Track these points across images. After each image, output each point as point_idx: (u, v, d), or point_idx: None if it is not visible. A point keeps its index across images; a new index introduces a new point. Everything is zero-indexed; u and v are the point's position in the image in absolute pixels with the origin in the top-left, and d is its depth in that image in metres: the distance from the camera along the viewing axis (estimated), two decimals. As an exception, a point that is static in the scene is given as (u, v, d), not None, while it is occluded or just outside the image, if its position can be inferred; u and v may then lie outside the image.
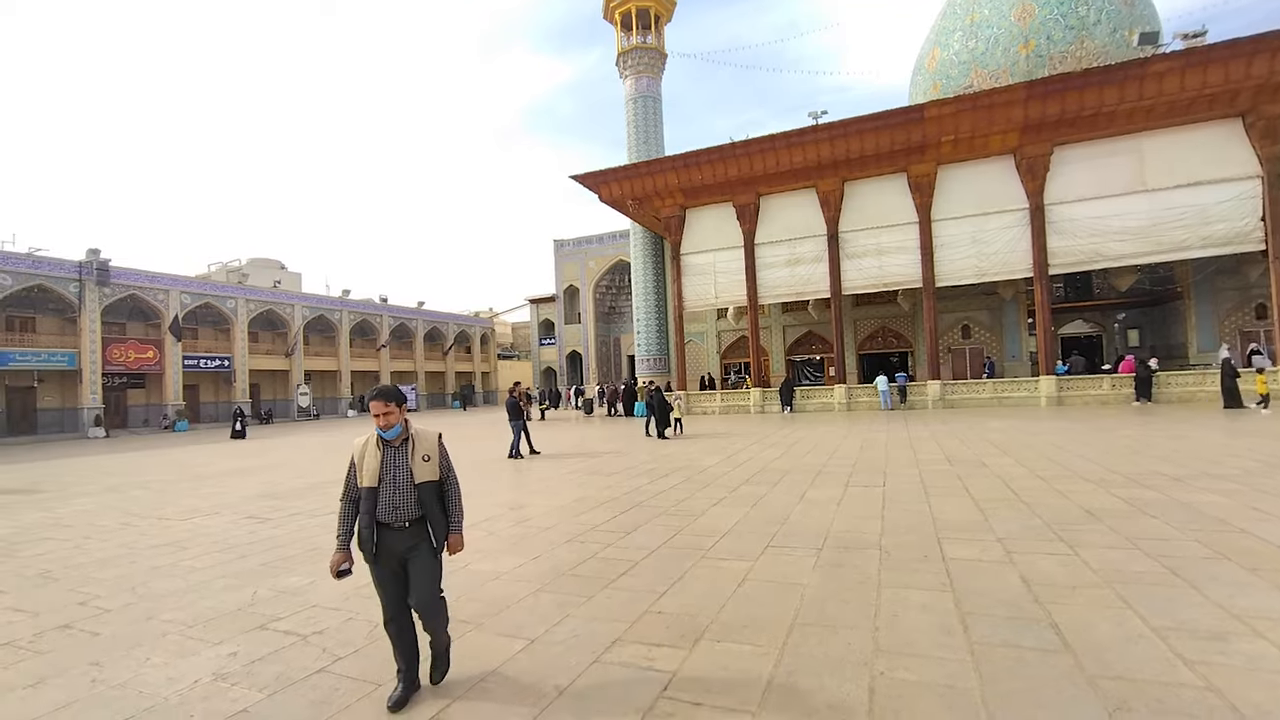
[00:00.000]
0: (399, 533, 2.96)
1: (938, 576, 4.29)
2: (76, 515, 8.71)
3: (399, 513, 2.94)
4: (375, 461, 2.96)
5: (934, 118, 20.42)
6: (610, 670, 3.16)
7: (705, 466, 10.36)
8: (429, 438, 3.11)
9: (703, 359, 31.72)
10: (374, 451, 2.99)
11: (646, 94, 30.29)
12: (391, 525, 2.94)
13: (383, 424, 2.94)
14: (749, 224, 24.48)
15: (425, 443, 3.08)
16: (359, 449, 3.01)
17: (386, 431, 2.97)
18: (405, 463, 2.98)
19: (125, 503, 9.63)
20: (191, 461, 16.07)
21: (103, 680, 3.36)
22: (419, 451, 3.03)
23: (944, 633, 3.38)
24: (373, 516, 2.93)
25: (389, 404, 2.95)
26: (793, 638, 3.41)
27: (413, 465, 2.98)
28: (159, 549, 6.38)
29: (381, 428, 2.95)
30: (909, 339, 27.97)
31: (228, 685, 3.21)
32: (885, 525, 5.78)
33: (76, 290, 29.67)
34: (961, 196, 21.64)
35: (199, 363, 35.21)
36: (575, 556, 5.28)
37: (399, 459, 2.99)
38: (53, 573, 5.69)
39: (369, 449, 2.99)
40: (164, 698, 3.11)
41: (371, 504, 2.93)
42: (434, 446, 3.09)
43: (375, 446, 2.99)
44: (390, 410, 2.94)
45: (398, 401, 2.98)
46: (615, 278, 46.97)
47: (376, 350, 46.20)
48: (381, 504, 2.93)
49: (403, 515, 2.95)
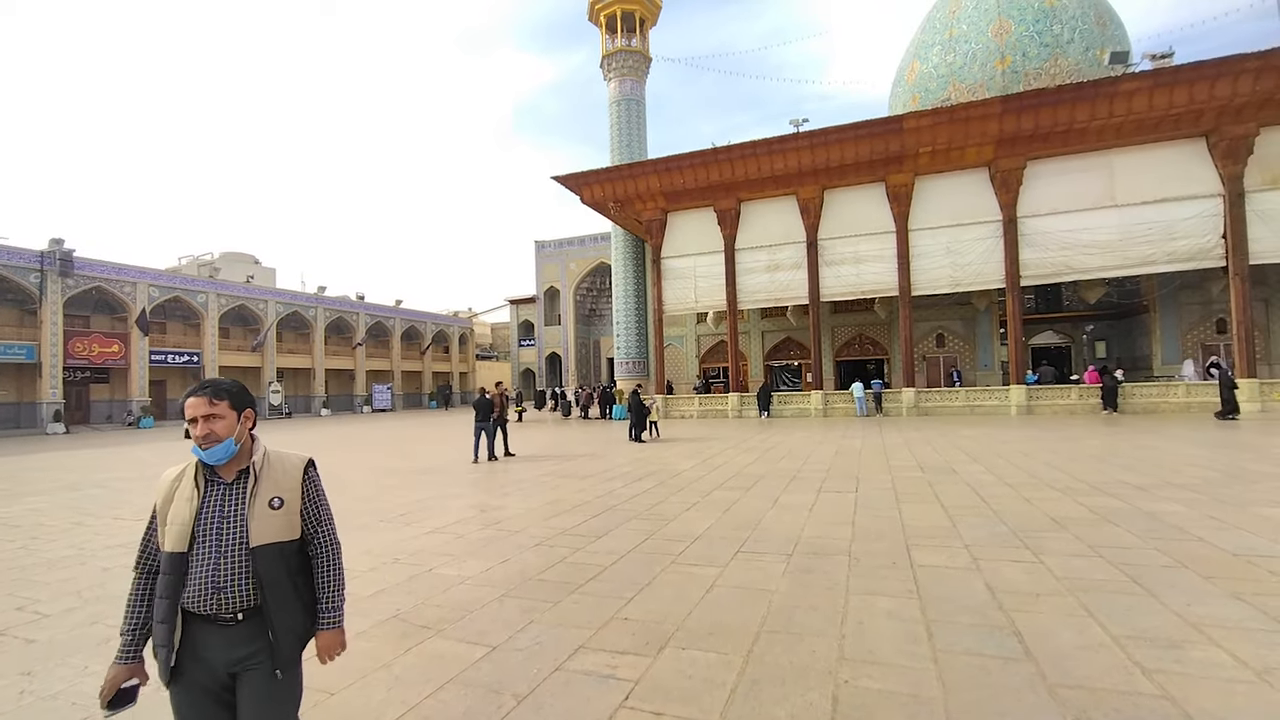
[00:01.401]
0: (224, 632, 1.76)
1: (905, 583, 4.29)
2: (25, 514, 8.36)
3: (223, 598, 1.73)
4: (188, 509, 1.77)
5: (912, 129, 20.73)
6: (571, 679, 3.08)
7: (680, 470, 10.32)
8: (287, 469, 1.94)
9: (682, 363, 31.76)
10: (188, 491, 1.80)
11: (630, 97, 30.31)
12: (212, 618, 1.75)
13: (201, 439, 1.78)
14: (730, 229, 24.60)
15: (280, 476, 1.91)
16: (165, 486, 1.83)
17: (208, 452, 1.78)
18: (239, 510, 1.80)
19: (81, 501, 9.28)
20: (153, 459, 15.58)
21: (32, 691, 3.20)
22: (265, 492, 1.85)
23: (909, 640, 3.37)
24: (176, 603, 1.74)
25: (215, 403, 1.81)
26: (758, 645, 3.38)
27: (250, 516, 1.80)
28: (112, 550, 6.14)
29: (200, 446, 1.78)
30: (885, 346, 28.32)
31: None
32: (856, 531, 5.79)
33: (37, 281, 28.69)
34: (938, 207, 21.99)
35: (167, 358, 34.28)
36: (544, 561, 5.20)
37: (229, 504, 1.80)
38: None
39: (181, 487, 1.81)
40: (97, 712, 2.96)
41: (176, 582, 1.74)
42: (294, 484, 1.93)
43: (193, 482, 1.81)
44: (216, 414, 1.80)
45: (233, 402, 1.85)
46: (596, 280, 46.86)
47: (352, 348, 45.48)
48: (194, 583, 1.74)
49: (230, 602, 1.74)
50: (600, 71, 31.18)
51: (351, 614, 4.05)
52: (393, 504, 8.07)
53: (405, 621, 3.93)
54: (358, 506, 7.96)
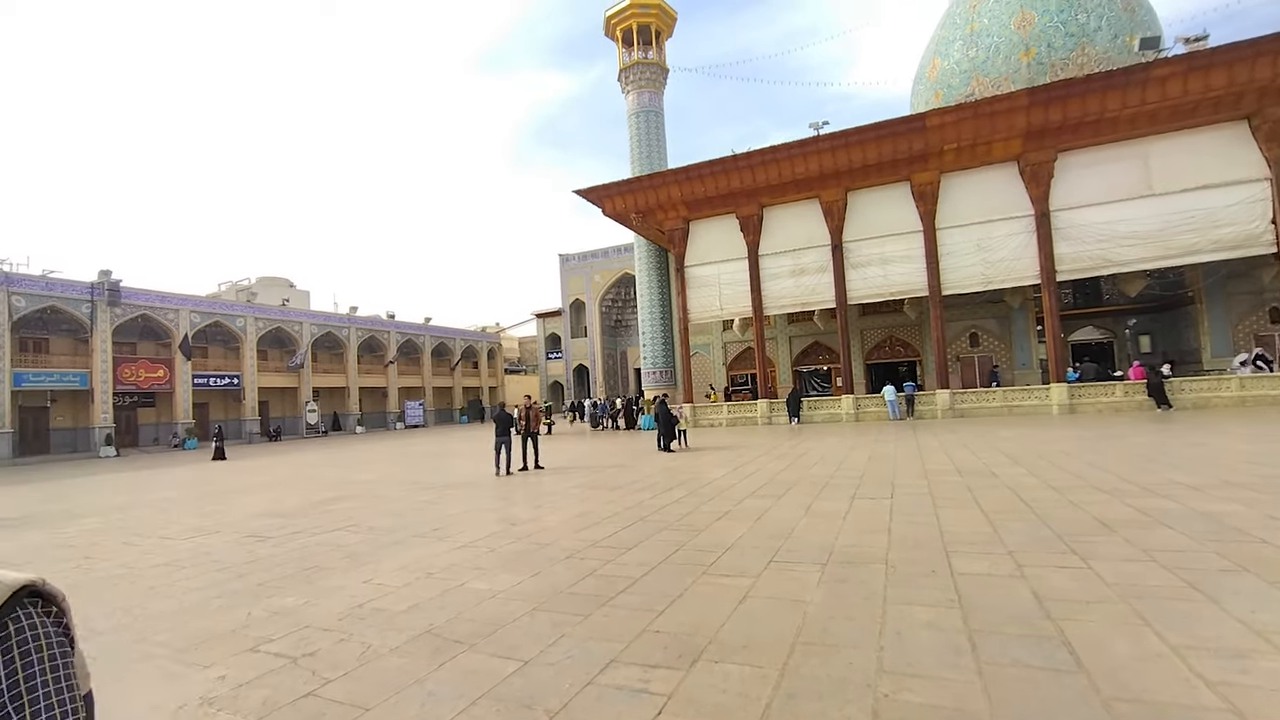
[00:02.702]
0: None
1: (945, 592, 4.15)
2: (81, 534, 8.69)
3: None
4: None
5: (936, 126, 20.40)
6: (604, 693, 3.05)
7: (710, 480, 10.23)
8: None
9: (709, 371, 31.59)
10: None
11: (649, 108, 30.50)
12: None
13: None
14: (753, 235, 24.48)
15: None
16: None
17: None
18: None
19: (130, 522, 9.61)
20: (198, 480, 16.09)
21: (88, 706, 3.29)
22: None
23: (952, 652, 3.25)
24: None
25: None
26: (794, 658, 3.30)
27: None
28: (158, 569, 6.33)
29: None
30: (916, 348, 27.75)
31: (213, 710, 3.13)
32: (892, 539, 5.64)
33: (88, 311, 30.04)
34: (966, 204, 21.55)
35: (209, 381, 35.48)
36: (574, 574, 5.18)
37: None
38: (50, 594, 5.63)
39: None
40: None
41: None
42: None
43: None
44: None
45: None
46: (621, 291, 47.05)
47: (384, 366, 46.41)
48: None
49: None
50: (618, 85, 31.47)
51: (386, 629, 4.11)
52: (425, 519, 8.16)
53: (438, 636, 3.95)
54: (394, 522, 8.08)
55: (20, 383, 27.98)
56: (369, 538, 7.16)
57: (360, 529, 7.73)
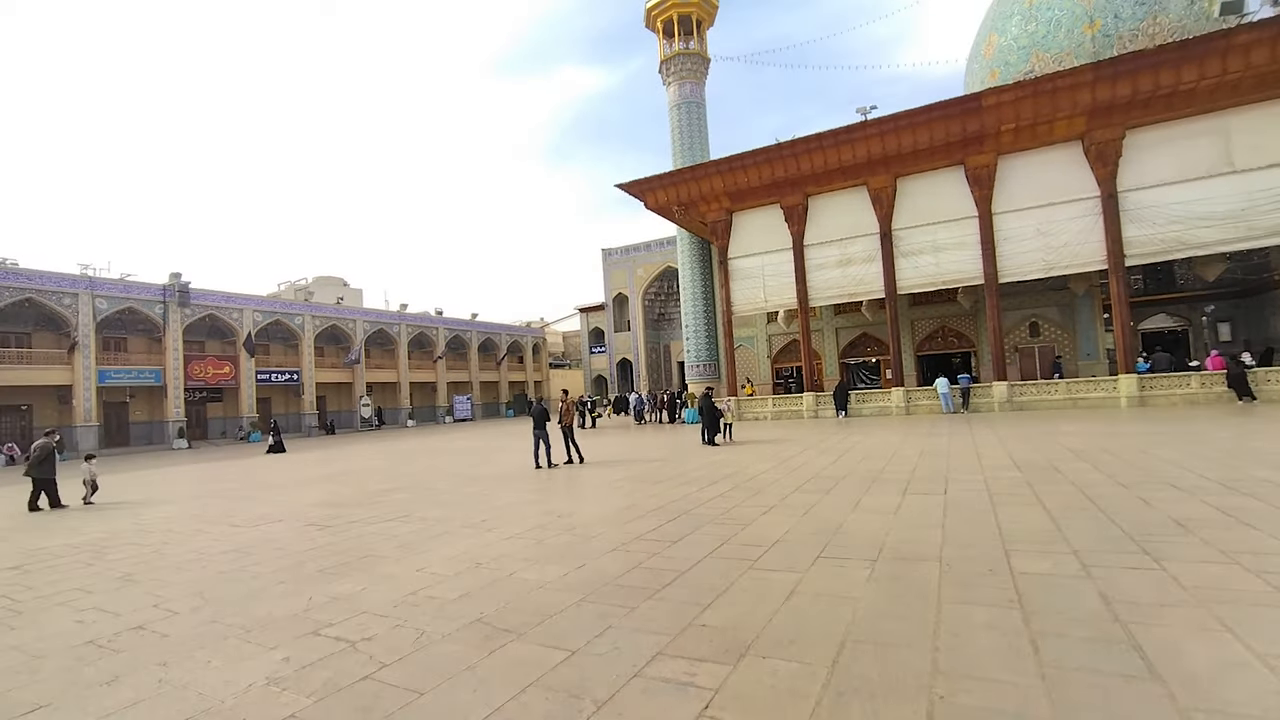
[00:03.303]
0: None
1: (1005, 592, 3.99)
2: (158, 521, 9.28)
3: None
4: None
5: (992, 106, 19.52)
6: (650, 685, 3.06)
7: (755, 474, 10.12)
8: None
9: (753, 364, 31.24)
10: None
11: (690, 99, 30.25)
12: None
13: None
14: (797, 225, 24.01)
15: None
16: None
17: None
18: None
19: (201, 510, 10.20)
20: (261, 471, 16.94)
21: (168, 681, 3.51)
22: None
23: (1012, 654, 3.12)
24: None
25: None
26: (844, 655, 3.23)
27: None
28: (227, 554, 6.69)
29: None
30: (971, 339, 26.72)
31: (279, 690, 3.29)
32: (946, 536, 5.46)
33: (161, 311, 31.95)
34: (1025, 187, 20.57)
35: (270, 377, 37.25)
36: (620, 566, 5.21)
37: None
38: (133, 575, 6.04)
39: None
40: (220, 700, 3.21)
41: None
42: None
43: None
44: None
45: None
46: (663, 284, 46.95)
47: (433, 362, 47.72)
48: None
49: None
50: (659, 77, 31.31)
51: (438, 616, 4.23)
52: (474, 510, 8.36)
53: (488, 625, 4.03)
54: (443, 513, 8.31)
55: (104, 379, 30.02)
56: (420, 528, 7.39)
57: (412, 519, 7.98)
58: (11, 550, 7.80)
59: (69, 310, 28.81)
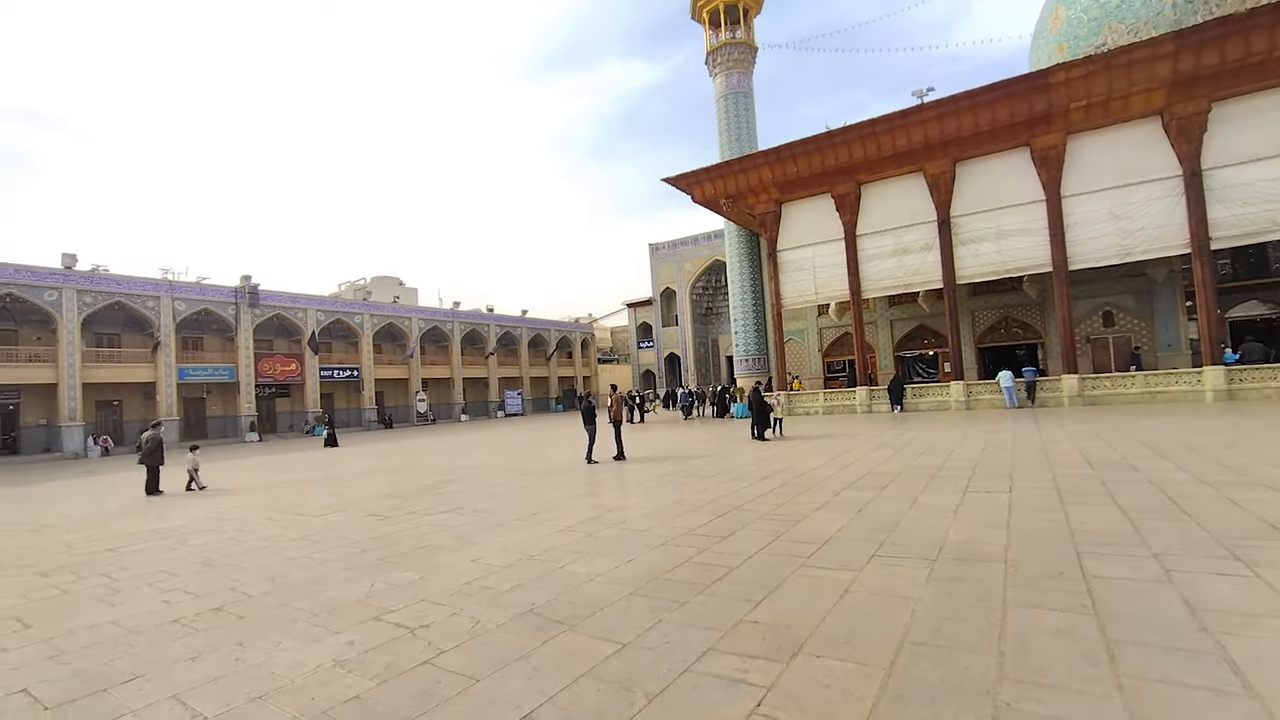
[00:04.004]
0: None
1: (1076, 596, 3.77)
2: (233, 510, 9.86)
3: None
4: None
5: (1061, 83, 18.44)
6: (701, 681, 3.04)
7: (806, 469, 9.93)
8: None
9: (803, 357, 30.65)
10: None
11: (737, 90, 29.81)
12: None
13: None
14: (849, 215, 23.36)
15: None
16: None
17: None
18: None
19: (271, 500, 10.78)
20: (326, 464, 17.76)
21: (244, 660, 3.72)
22: None
23: (1085, 661, 2.95)
24: None
25: None
26: (902, 657, 3.12)
27: None
28: (296, 542, 7.05)
29: None
30: (1038, 329, 25.41)
31: (344, 672, 3.44)
32: (1012, 536, 5.21)
33: (233, 312, 33.90)
34: (1097, 168, 19.36)
35: (332, 373, 39.01)
36: (669, 560, 5.21)
37: None
38: (212, 560, 6.44)
39: None
40: (290, 680, 3.39)
41: None
42: None
43: None
44: None
45: None
46: (711, 278, 46.61)
47: (485, 358, 48.88)
48: None
49: None
50: (706, 68, 30.97)
51: (492, 606, 4.33)
52: (525, 503, 8.53)
53: (540, 615, 4.10)
54: (496, 505, 8.51)
55: (183, 376, 32.12)
56: (474, 520, 7.59)
57: (466, 511, 8.20)
58: (108, 534, 8.44)
59: (152, 312, 30.91)
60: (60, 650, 4.12)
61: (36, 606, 5.23)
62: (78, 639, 4.32)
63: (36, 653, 4.11)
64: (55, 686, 3.54)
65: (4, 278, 26.52)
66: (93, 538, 8.23)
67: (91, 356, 29.46)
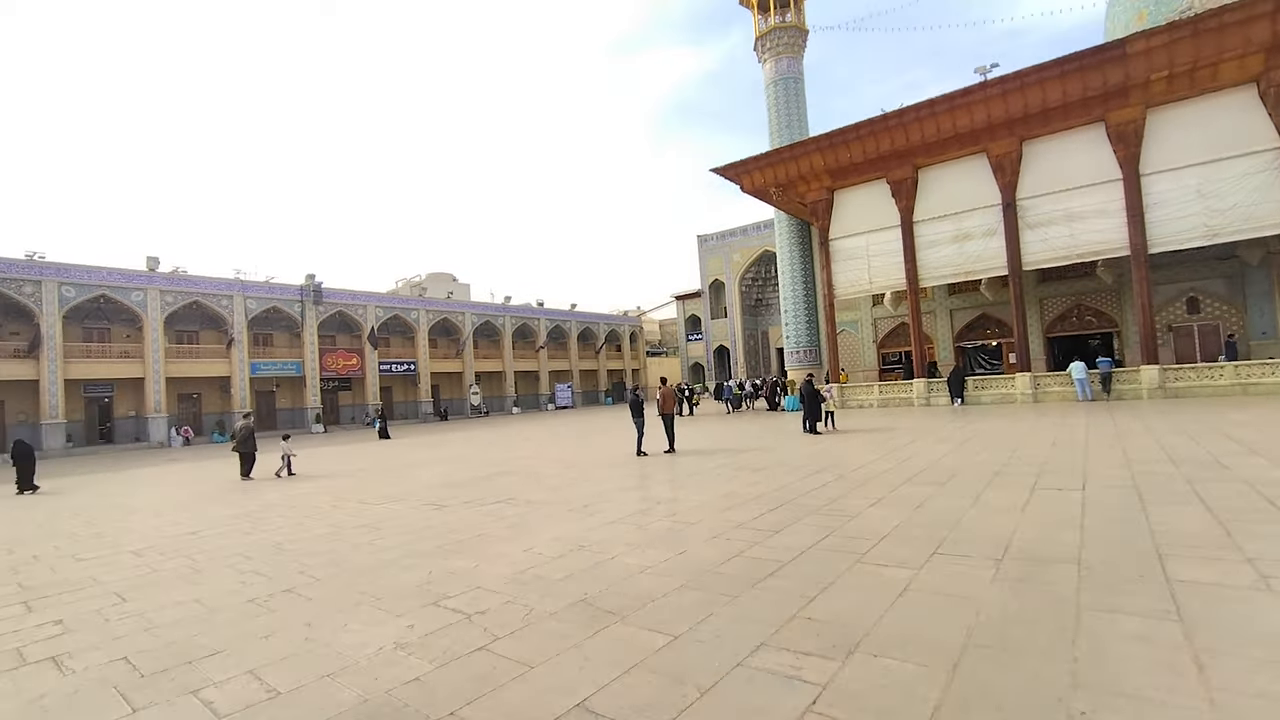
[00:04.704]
0: None
1: (1159, 602, 3.53)
2: (301, 497, 10.38)
3: None
4: None
5: (1141, 52, 17.18)
6: (754, 675, 3.00)
7: (860, 464, 9.66)
8: None
9: (857, 349, 29.84)
10: None
11: (787, 75, 29.12)
12: None
13: None
14: (906, 200, 22.50)
15: None
16: None
17: None
18: None
19: (337, 488, 11.29)
20: (383, 453, 18.47)
21: (313, 639, 3.91)
22: None
23: (1169, 671, 2.75)
24: None
25: None
26: (965, 660, 3.00)
27: None
28: (359, 529, 7.36)
29: None
30: (1113, 317, 23.91)
31: (405, 654, 3.56)
32: (1085, 536, 4.92)
33: (299, 310, 35.59)
34: (1182, 142, 17.98)
35: (390, 367, 40.47)
36: (720, 554, 5.17)
37: None
38: (283, 545, 6.80)
39: None
40: (355, 660, 3.53)
41: None
42: None
43: None
44: None
45: None
46: (761, 269, 45.87)
47: (535, 351, 49.69)
48: None
49: None
50: (755, 54, 30.37)
51: (545, 595, 4.40)
52: (576, 494, 8.63)
53: (592, 606, 4.14)
54: (548, 496, 8.65)
55: (255, 371, 34.00)
56: (526, 510, 7.73)
57: (519, 502, 8.37)
58: (190, 518, 9.03)
59: (226, 310, 32.82)
60: (152, 624, 4.44)
61: (132, 583, 5.64)
62: (166, 614, 4.64)
63: (133, 625, 4.45)
64: (149, 657, 3.81)
65: (97, 280, 28.67)
66: (177, 522, 8.82)
67: (173, 353, 31.55)
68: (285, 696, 3.16)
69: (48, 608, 5.05)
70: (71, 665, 3.79)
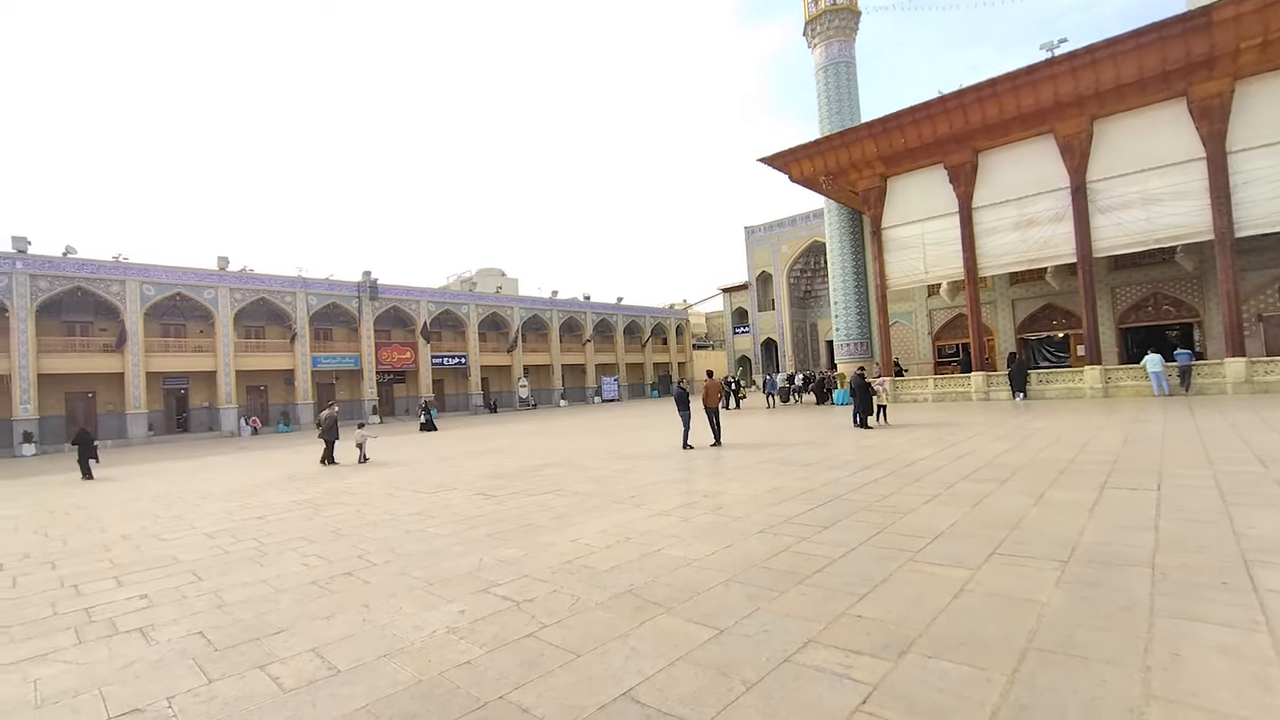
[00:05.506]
0: None
1: (1245, 610, 3.29)
2: (359, 485, 10.82)
3: None
4: None
5: (1228, 19, 15.91)
6: (802, 672, 2.95)
7: (914, 459, 9.36)
8: None
9: (911, 341, 28.89)
10: None
11: (838, 60, 28.29)
12: None
13: None
14: (965, 186, 21.58)
15: None
16: None
17: None
18: None
19: (392, 477, 11.71)
20: (437, 443, 19.04)
21: (370, 621, 4.08)
22: None
23: (1256, 686, 2.56)
24: None
25: None
26: (1026, 665, 2.86)
27: None
28: (412, 516, 7.61)
29: None
30: (1194, 306, 22.33)
31: (456, 638, 3.67)
32: (1161, 539, 4.63)
33: (356, 305, 37.00)
34: (1274, 117, 16.58)
35: (442, 361, 41.64)
36: (767, 548, 5.10)
37: None
38: (342, 530, 7.10)
39: None
40: (410, 641, 3.66)
41: None
42: None
43: None
44: None
45: None
46: (809, 260, 44.89)
47: (582, 345, 50.18)
48: None
49: None
50: (804, 40, 29.63)
51: (592, 585, 4.44)
52: (623, 486, 8.68)
53: (638, 597, 4.16)
54: (595, 488, 8.73)
55: (316, 364, 35.61)
56: (573, 501, 7.83)
57: (566, 493, 8.49)
58: (258, 504, 9.55)
59: (289, 306, 34.45)
60: (224, 602, 4.72)
61: (206, 563, 6.01)
62: (236, 593, 4.92)
63: (208, 602, 4.74)
64: (222, 632, 4.05)
65: (174, 279, 30.58)
66: (246, 506, 9.34)
67: (241, 347, 33.35)
68: (345, 674, 3.30)
69: (135, 583, 5.43)
70: (155, 637, 4.07)
